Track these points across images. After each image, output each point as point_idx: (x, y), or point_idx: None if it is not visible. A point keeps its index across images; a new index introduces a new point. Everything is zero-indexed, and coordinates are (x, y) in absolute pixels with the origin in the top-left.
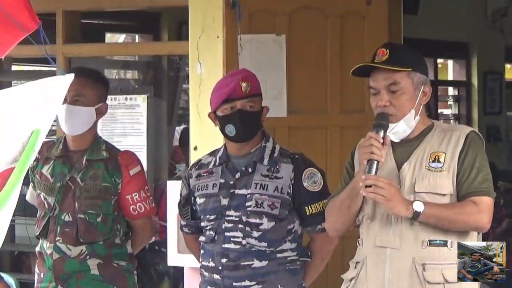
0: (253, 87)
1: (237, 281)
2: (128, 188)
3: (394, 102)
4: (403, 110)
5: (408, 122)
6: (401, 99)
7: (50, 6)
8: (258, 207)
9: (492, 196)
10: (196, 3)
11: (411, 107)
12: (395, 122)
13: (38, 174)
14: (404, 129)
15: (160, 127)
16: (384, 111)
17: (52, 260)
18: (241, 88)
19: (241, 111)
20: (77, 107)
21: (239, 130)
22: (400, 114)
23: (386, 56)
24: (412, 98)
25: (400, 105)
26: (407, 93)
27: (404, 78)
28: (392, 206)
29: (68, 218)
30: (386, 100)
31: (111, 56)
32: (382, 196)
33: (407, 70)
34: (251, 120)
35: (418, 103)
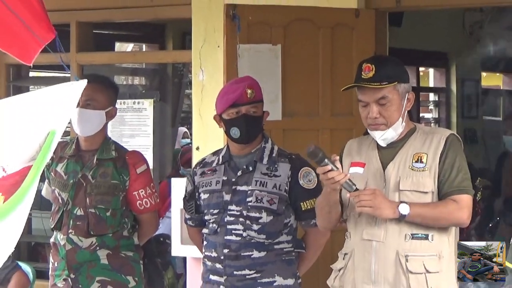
0: (256, 94)
1: (237, 270)
2: (135, 185)
3: (384, 113)
4: (392, 119)
5: (396, 129)
6: (389, 110)
7: (65, 17)
8: (258, 202)
9: (471, 193)
10: (198, 15)
11: (399, 115)
12: (384, 130)
13: (53, 172)
14: (392, 136)
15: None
16: (375, 122)
17: (65, 251)
18: (247, 95)
19: (246, 115)
20: (89, 110)
21: (243, 133)
22: (390, 123)
23: (373, 72)
24: (399, 108)
25: (389, 116)
26: (395, 104)
27: (391, 92)
28: (380, 213)
29: (80, 212)
30: (376, 112)
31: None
32: (370, 207)
33: (393, 84)
34: (254, 123)
35: (403, 111)
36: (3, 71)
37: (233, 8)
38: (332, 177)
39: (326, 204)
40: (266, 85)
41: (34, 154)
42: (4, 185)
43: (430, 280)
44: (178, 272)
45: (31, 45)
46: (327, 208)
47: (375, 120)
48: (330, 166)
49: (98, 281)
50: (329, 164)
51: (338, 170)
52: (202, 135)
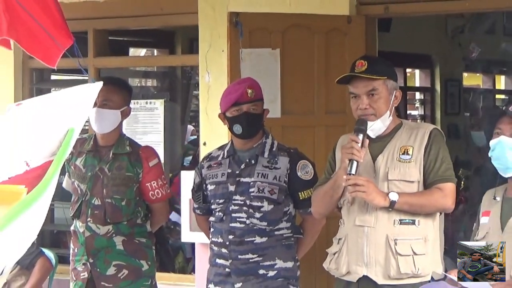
0: (256, 93)
1: (241, 254)
2: (147, 177)
3: (373, 105)
4: (380, 111)
5: (384, 121)
6: (378, 102)
7: (82, 25)
8: (260, 192)
9: (454, 181)
10: (204, 23)
11: (386, 108)
12: (373, 121)
13: (73, 165)
14: (380, 127)
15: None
16: (364, 113)
17: (84, 237)
18: (247, 94)
19: (247, 113)
20: (105, 110)
21: (244, 129)
22: (378, 114)
23: (365, 67)
24: (387, 101)
25: (378, 107)
26: (383, 97)
27: (380, 85)
28: (372, 198)
29: (97, 202)
30: (366, 103)
31: (134, 67)
32: (363, 192)
33: (383, 78)
34: (255, 120)
35: (391, 105)
36: (27, 75)
37: (236, 16)
38: (352, 148)
39: (330, 188)
40: (266, 86)
41: (55, 149)
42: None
43: (417, 261)
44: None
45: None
46: (330, 192)
47: (365, 111)
48: (360, 141)
49: (114, 265)
50: (360, 139)
51: (362, 149)
52: (208, 131)
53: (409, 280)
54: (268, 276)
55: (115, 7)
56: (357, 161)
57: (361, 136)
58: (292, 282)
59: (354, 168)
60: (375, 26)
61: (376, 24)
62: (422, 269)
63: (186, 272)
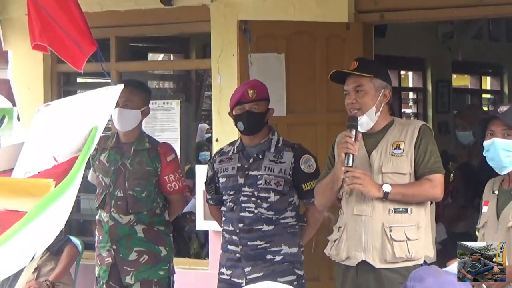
0: (258, 93)
1: (250, 241)
2: (165, 171)
3: (359, 100)
4: (365, 106)
5: (370, 116)
6: (364, 98)
7: (105, 33)
8: (266, 184)
9: (442, 172)
10: (216, 30)
11: (372, 105)
12: (360, 115)
13: (97, 161)
14: (367, 122)
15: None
16: (351, 107)
17: (108, 226)
18: (249, 95)
19: (248, 111)
20: (126, 110)
21: (246, 126)
22: (364, 110)
23: (356, 66)
24: (374, 98)
25: (363, 103)
26: (369, 94)
27: (367, 83)
28: (368, 190)
29: (120, 194)
30: (353, 98)
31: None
32: (360, 184)
33: (369, 76)
34: (256, 118)
35: (378, 102)
36: (55, 78)
37: (245, 24)
38: (347, 142)
39: (330, 180)
40: (272, 87)
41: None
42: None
43: (411, 246)
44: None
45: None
46: (330, 185)
47: (352, 105)
48: (353, 135)
49: (135, 251)
50: (353, 134)
51: (355, 142)
52: (220, 129)
53: (404, 264)
54: (275, 260)
55: (134, 16)
56: (353, 154)
57: (354, 131)
58: (297, 266)
59: (351, 160)
60: (372, 32)
61: (373, 30)
62: (415, 253)
63: (200, 257)
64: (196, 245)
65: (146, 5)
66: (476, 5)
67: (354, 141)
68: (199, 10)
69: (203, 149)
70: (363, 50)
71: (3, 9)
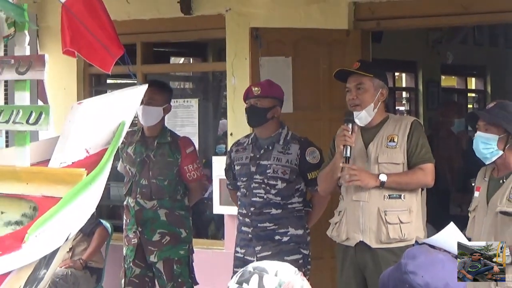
0: (262, 91)
1: (260, 223)
2: (185, 161)
3: (359, 97)
4: (365, 103)
5: (368, 112)
6: (364, 95)
7: (131, 39)
8: (274, 173)
9: (433, 162)
10: (231, 36)
11: (371, 101)
12: (359, 111)
13: (125, 153)
14: (366, 116)
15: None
16: (352, 103)
17: (134, 211)
18: (253, 92)
19: (252, 106)
20: (150, 107)
21: (249, 118)
22: (363, 106)
23: (358, 66)
24: (372, 96)
25: (363, 100)
26: (369, 92)
27: (367, 81)
28: (366, 183)
29: (145, 182)
30: (354, 95)
31: (174, 72)
32: (358, 180)
33: (369, 76)
34: (257, 112)
35: (376, 100)
36: (87, 79)
37: (256, 31)
38: (344, 135)
39: (330, 169)
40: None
41: (109, 139)
42: (87, 163)
43: (403, 229)
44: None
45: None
46: (331, 173)
47: (353, 101)
48: (350, 128)
49: (158, 233)
50: (350, 127)
51: (352, 135)
52: (234, 124)
53: (397, 244)
54: (282, 241)
55: (158, 24)
56: (350, 145)
57: (350, 125)
58: (303, 246)
59: (348, 151)
60: (369, 38)
61: (370, 36)
62: (408, 234)
63: (217, 238)
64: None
65: (168, 14)
66: (462, 13)
67: (351, 134)
68: (215, 18)
69: (219, 142)
70: (361, 54)
71: (42, 18)
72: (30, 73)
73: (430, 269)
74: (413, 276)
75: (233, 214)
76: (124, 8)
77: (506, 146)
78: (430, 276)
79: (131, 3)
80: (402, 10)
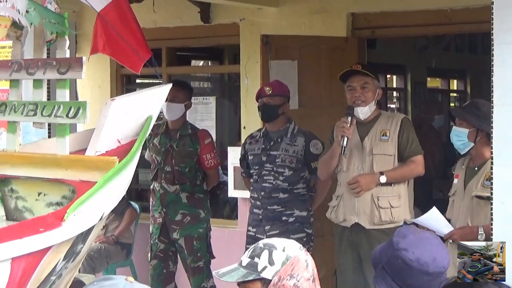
0: (273, 90)
1: (270, 206)
2: (203, 151)
3: (365, 94)
4: (369, 100)
5: (370, 108)
6: (368, 93)
7: (158, 44)
8: (282, 162)
9: (422, 153)
10: (244, 42)
11: (373, 99)
12: (363, 106)
13: (151, 143)
14: (367, 111)
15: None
16: (358, 99)
17: (159, 194)
18: (265, 91)
19: (264, 103)
20: (173, 103)
21: (262, 114)
22: (367, 102)
23: (360, 67)
24: (373, 94)
25: (368, 97)
26: (372, 90)
27: (370, 82)
28: (369, 188)
29: (168, 169)
30: (360, 93)
31: (195, 73)
32: (361, 190)
33: (372, 76)
34: (270, 109)
35: (375, 98)
36: (119, 79)
37: (266, 37)
38: (343, 127)
39: (329, 156)
40: None
41: (138, 131)
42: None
43: (393, 212)
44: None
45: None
46: (329, 160)
47: (358, 98)
48: (349, 121)
49: (180, 213)
50: (349, 120)
51: (350, 127)
52: (246, 118)
53: (388, 225)
54: (288, 221)
55: (180, 31)
56: (347, 136)
57: (350, 118)
58: (306, 226)
59: (345, 141)
60: (365, 44)
61: (366, 43)
62: (397, 217)
63: (231, 218)
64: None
65: (190, 23)
66: (446, 24)
67: (350, 126)
68: (231, 27)
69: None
70: (358, 59)
71: (80, 25)
72: (70, 73)
73: (419, 246)
74: (405, 252)
75: (246, 197)
76: (151, 17)
77: (477, 139)
78: (420, 252)
79: (157, 12)
80: (393, 20)
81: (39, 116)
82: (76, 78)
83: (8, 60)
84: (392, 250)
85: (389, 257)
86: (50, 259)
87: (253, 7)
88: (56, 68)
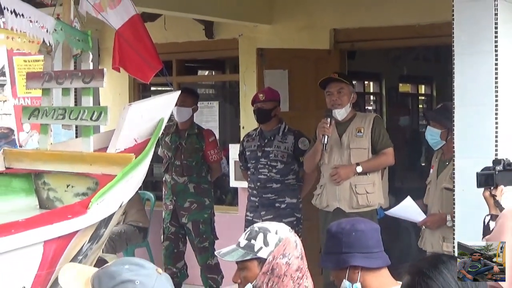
0: (266, 96)
1: (265, 194)
2: (208, 147)
3: (341, 98)
4: (344, 103)
5: (346, 110)
6: (343, 97)
7: (168, 57)
8: (275, 157)
9: (392, 146)
10: (242, 54)
11: (348, 102)
12: (340, 108)
13: (163, 141)
14: (343, 113)
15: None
16: (335, 103)
17: (170, 184)
18: (259, 97)
19: (259, 108)
20: (182, 107)
21: (258, 118)
22: (343, 105)
23: (337, 76)
24: (348, 98)
25: (343, 100)
26: (347, 94)
27: (345, 88)
28: (348, 177)
29: (178, 163)
30: (337, 96)
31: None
32: (341, 179)
33: (347, 83)
34: (263, 113)
35: (350, 101)
36: (136, 87)
37: (261, 50)
38: (324, 127)
39: (313, 152)
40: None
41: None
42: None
43: (369, 198)
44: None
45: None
46: (313, 155)
47: (336, 101)
48: (328, 122)
49: (188, 201)
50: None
51: (329, 127)
52: (245, 120)
53: (365, 209)
54: (281, 207)
55: (188, 45)
56: (328, 135)
57: (329, 119)
58: (296, 211)
59: (326, 139)
60: (345, 56)
61: (346, 54)
62: (372, 202)
63: (232, 205)
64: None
65: (196, 38)
66: (415, 37)
67: (329, 126)
68: (231, 41)
69: None
70: (339, 68)
71: (102, 41)
72: (93, 83)
73: (349, 221)
74: (348, 227)
75: (244, 187)
76: (163, 34)
77: (448, 138)
78: (350, 222)
79: (168, 30)
80: (370, 35)
81: (67, 119)
82: (98, 86)
83: (41, 72)
84: (342, 233)
85: (345, 239)
86: (77, 241)
87: (250, 24)
88: (81, 78)
